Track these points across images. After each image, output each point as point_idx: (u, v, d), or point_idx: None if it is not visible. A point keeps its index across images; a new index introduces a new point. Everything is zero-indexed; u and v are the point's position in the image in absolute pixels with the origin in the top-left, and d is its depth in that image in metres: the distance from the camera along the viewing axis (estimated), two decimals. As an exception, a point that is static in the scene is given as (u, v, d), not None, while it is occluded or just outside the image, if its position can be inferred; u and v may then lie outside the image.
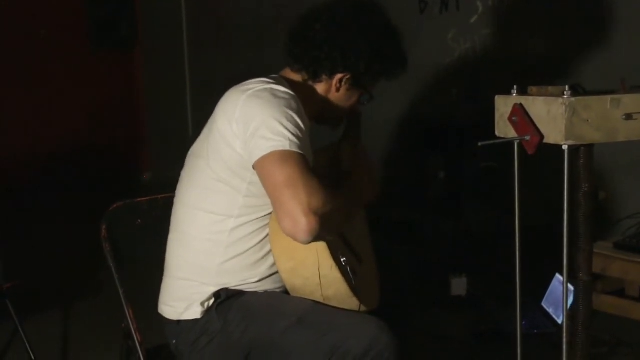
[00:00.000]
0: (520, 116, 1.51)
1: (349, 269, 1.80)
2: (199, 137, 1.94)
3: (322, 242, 1.75)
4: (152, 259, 2.06)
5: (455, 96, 4.62)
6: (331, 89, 1.96)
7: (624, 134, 1.46)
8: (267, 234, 1.85)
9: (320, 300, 1.81)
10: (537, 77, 3.77)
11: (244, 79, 1.89)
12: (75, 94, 6.89)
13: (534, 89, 1.55)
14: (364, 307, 1.82)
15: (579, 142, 1.45)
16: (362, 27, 1.90)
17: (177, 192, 1.99)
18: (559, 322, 3.04)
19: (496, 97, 1.61)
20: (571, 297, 1.57)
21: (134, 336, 2.02)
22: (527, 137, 1.49)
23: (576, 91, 1.43)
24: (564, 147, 1.44)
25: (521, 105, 1.51)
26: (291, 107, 1.76)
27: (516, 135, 1.53)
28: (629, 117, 1.44)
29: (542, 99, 1.47)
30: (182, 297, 1.91)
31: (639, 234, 3.52)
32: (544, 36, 4.10)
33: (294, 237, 1.64)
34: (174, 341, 1.94)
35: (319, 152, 1.98)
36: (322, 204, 1.65)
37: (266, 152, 1.68)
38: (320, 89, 1.96)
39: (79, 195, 6.31)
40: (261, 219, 1.85)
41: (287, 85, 1.86)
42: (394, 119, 4.74)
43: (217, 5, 6.45)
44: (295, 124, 1.73)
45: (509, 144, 1.57)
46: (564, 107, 1.40)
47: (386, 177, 4.78)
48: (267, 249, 1.87)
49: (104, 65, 7.10)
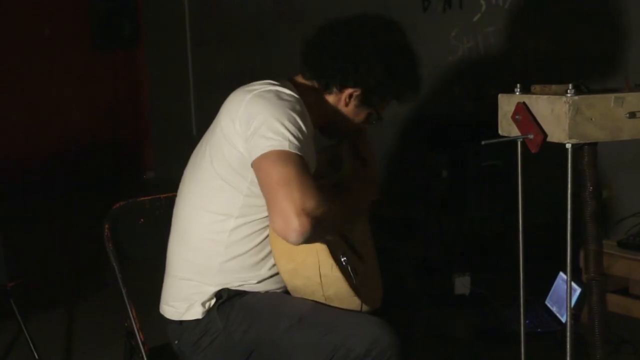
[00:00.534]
0: (523, 115, 1.50)
1: (350, 268, 1.80)
2: (203, 137, 1.95)
3: (323, 242, 1.74)
4: (154, 258, 2.06)
5: (458, 95, 4.62)
6: (340, 102, 1.95)
7: (627, 132, 1.46)
8: (267, 235, 1.84)
9: (321, 300, 1.81)
10: (540, 75, 3.77)
11: (247, 78, 1.89)
12: (78, 93, 6.89)
13: (537, 87, 1.55)
14: (365, 307, 1.81)
15: (582, 141, 1.44)
16: (378, 45, 1.90)
17: (179, 191, 1.99)
18: (563, 320, 3.04)
19: (499, 96, 1.61)
20: (575, 296, 1.57)
21: (137, 335, 2.02)
22: (531, 136, 1.49)
23: (580, 90, 1.43)
24: (568, 146, 1.44)
25: (524, 103, 1.51)
26: (294, 109, 1.76)
27: (519, 133, 1.53)
28: (632, 115, 1.44)
29: (545, 97, 1.47)
30: (183, 297, 1.91)
31: (642, 232, 3.51)
32: (547, 34, 4.10)
33: (285, 237, 1.63)
34: (176, 341, 1.94)
35: (319, 152, 1.98)
36: (316, 205, 1.63)
37: (265, 151, 1.68)
38: (329, 100, 1.96)
39: (82, 194, 6.32)
40: (262, 219, 1.84)
41: (294, 89, 1.86)
42: (396, 117, 4.72)
43: (220, 3, 6.44)
44: (297, 125, 1.72)
45: (512, 143, 1.57)
46: (567, 105, 1.40)
47: (389, 175, 4.78)
48: (268, 249, 1.86)
49: (107, 64, 7.10)
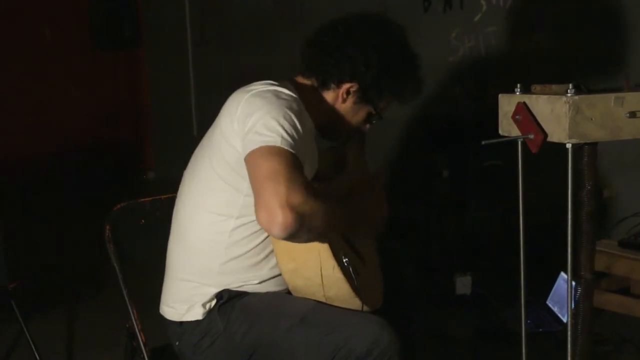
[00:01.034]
0: (523, 114, 1.50)
1: (351, 269, 1.80)
2: (203, 137, 1.95)
3: (324, 242, 1.74)
4: (155, 258, 2.06)
5: (458, 95, 4.61)
6: (338, 99, 1.95)
7: (627, 132, 1.45)
8: (268, 236, 1.84)
9: (322, 300, 1.81)
10: (540, 75, 3.76)
11: (247, 78, 1.89)
12: (79, 93, 6.90)
13: (537, 87, 1.55)
14: (366, 307, 1.81)
15: (582, 141, 1.44)
16: (376, 41, 1.91)
17: (179, 192, 1.99)
18: (564, 320, 3.04)
19: (500, 96, 1.61)
20: (576, 296, 1.57)
21: (138, 336, 2.02)
22: (531, 136, 1.49)
23: (580, 89, 1.43)
24: (568, 146, 1.44)
25: (525, 103, 1.51)
26: (291, 108, 1.76)
27: (520, 133, 1.53)
28: (632, 115, 1.44)
29: (545, 97, 1.47)
30: (184, 298, 1.91)
31: (643, 232, 3.51)
32: (548, 34, 4.09)
33: (269, 231, 1.62)
34: (177, 343, 1.94)
35: (323, 153, 1.98)
36: (302, 201, 1.61)
37: (256, 147, 1.68)
38: (328, 98, 1.96)
39: (83, 195, 6.32)
40: (261, 220, 1.84)
41: (293, 89, 1.86)
42: (397, 118, 4.72)
43: (221, 3, 6.45)
44: (292, 124, 1.72)
45: (512, 143, 1.56)
46: (567, 105, 1.40)
47: (389, 175, 4.78)
48: (268, 250, 1.86)
49: (108, 64, 7.11)
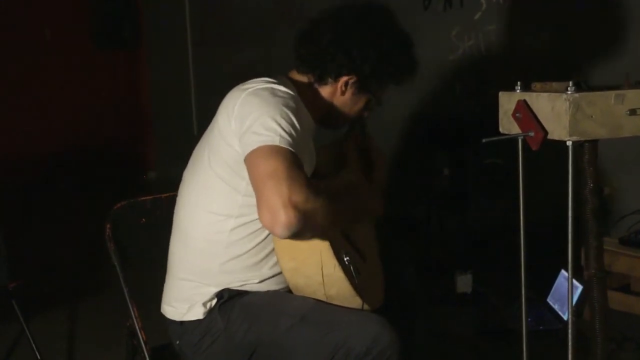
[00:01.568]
0: (524, 112, 1.50)
1: (352, 267, 1.79)
2: (202, 137, 1.95)
3: (325, 241, 1.74)
4: (156, 257, 2.06)
5: (459, 93, 4.61)
6: (337, 92, 1.95)
7: (628, 129, 1.45)
8: (268, 235, 1.85)
9: (323, 299, 1.81)
10: (541, 73, 3.76)
11: (248, 78, 1.89)
12: (79, 94, 6.90)
13: (537, 85, 1.55)
14: (367, 306, 1.81)
15: (583, 138, 1.44)
16: (369, 31, 1.90)
17: (179, 192, 1.99)
18: (565, 318, 3.04)
19: (500, 94, 1.61)
20: (577, 293, 1.57)
21: (139, 335, 2.02)
22: (531, 134, 1.49)
23: (580, 87, 1.42)
24: (568, 143, 1.44)
25: (525, 101, 1.51)
26: (288, 106, 1.76)
27: (520, 131, 1.53)
28: (633, 112, 1.44)
29: (546, 95, 1.47)
30: (184, 297, 1.91)
31: (644, 229, 3.51)
32: (548, 32, 4.09)
33: (272, 231, 1.62)
34: (178, 342, 1.94)
35: (322, 149, 1.98)
36: (304, 199, 1.61)
37: (255, 147, 1.67)
38: (325, 92, 1.95)
39: (83, 194, 6.32)
40: (261, 219, 1.84)
41: (291, 85, 1.86)
42: (397, 116, 4.73)
43: (221, 3, 6.44)
44: (289, 122, 1.72)
45: (513, 141, 1.56)
46: (567, 103, 1.40)
47: (390, 174, 4.78)
48: (268, 249, 1.86)
49: (108, 65, 7.11)
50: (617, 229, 3.67)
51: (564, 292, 3.12)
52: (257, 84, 1.82)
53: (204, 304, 1.88)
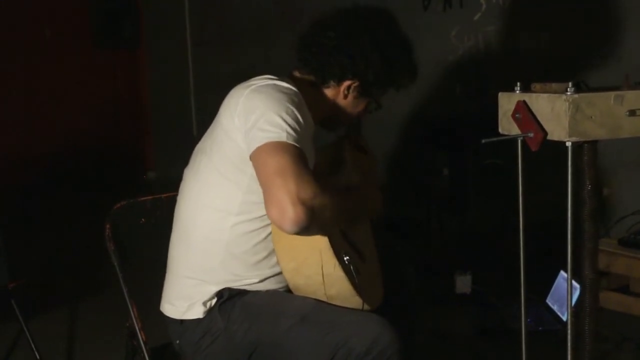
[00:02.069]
0: (523, 113, 1.51)
1: (352, 267, 1.80)
2: (204, 135, 1.95)
3: (325, 241, 1.74)
4: (156, 257, 2.06)
5: (458, 93, 4.62)
6: (339, 95, 1.96)
7: (627, 130, 1.46)
8: (269, 234, 1.85)
9: (323, 299, 1.81)
10: (540, 74, 3.77)
11: (247, 78, 1.89)
12: (79, 94, 6.89)
13: (537, 85, 1.55)
14: (367, 306, 1.81)
15: (582, 139, 1.44)
16: (374, 36, 1.90)
17: (180, 190, 1.99)
18: (564, 319, 3.04)
19: (499, 94, 1.61)
20: (576, 294, 1.57)
21: (139, 335, 2.02)
22: (531, 134, 1.49)
23: (580, 88, 1.43)
24: (568, 144, 1.44)
25: (524, 102, 1.51)
26: (292, 102, 1.76)
27: (520, 132, 1.53)
28: (632, 113, 1.44)
29: (545, 95, 1.47)
30: (185, 295, 1.91)
31: (643, 230, 3.52)
32: (548, 33, 4.10)
33: (281, 227, 1.62)
34: (177, 341, 1.94)
35: (319, 151, 1.98)
36: (312, 195, 1.61)
37: (262, 143, 1.67)
38: (327, 94, 1.96)
39: (83, 194, 6.32)
40: (262, 217, 1.83)
41: (293, 83, 1.86)
42: (397, 117, 4.73)
43: (221, 3, 6.44)
44: (294, 117, 1.72)
45: (512, 141, 1.57)
46: (567, 103, 1.40)
47: (390, 174, 4.78)
48: (270, 248, 1.86)
49: (108, 64, 7.10)
50: (616, 230, 3.67)
51: (563, 293, 3.13)
52: (261, 81, 1.82)
53: (204, 303, 1.88)
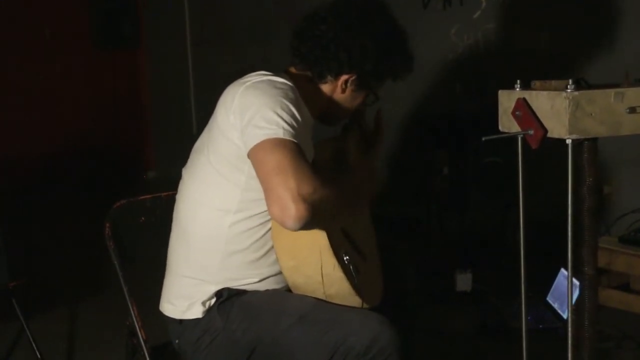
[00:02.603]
0: (523, 110, 1.50)
1: (352, 267, 1.79)
2: (202, 133, 1.95)
3: (325, 240, 1.74)
4: (155, 256, 2.06)
5: (458, 91, 4.62)
6: (336, 89, 1.95)
7: (628, 127, 1.45)
8: (267, 230, 1.85)
9: (322, 298, 1.80)
10: (540, 71, 3.77)
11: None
12: (78, 93, 6.90)
13: (537, 83, 1.55)
14: (366, 305, 1.81)
15: (582, 136, 1.44)
16: (369, 28, 1.89)
17: (179, 189, 1.99)
18: (564, 317, 3.04)
19: (499, 92, 1.61)
20: (576, 292, 1.57)
21: (139, 334, 2.02)
22: (531, 132, 1.49)
23: (580, 85, 1.42)
24: (568, 142, 1.44)
25: (524, 99, 1.51)
26: (288, 97, 1.75)
27: (520, 129, 1.53)
28: (632, 110, 1.44)
29: (545, 93, 1.46)
30: (184, 295, 1.91)
31: (644, 228, 3.51)
32: (548, 30, 4.09)
33: (283, 224, 1.62)
34: (177, 341, 1.94)
35: (322, 144, 1.97)
36: (312, 190, 1.61)
37: (259, 140, 1.67)
38: (325, 89, 1.95)
39: (83, 193, 6.32)
40: (261, 215, 1.83)
41: (289, 79, 1.86)
42: (397, 115, 4.73)
43: (221, 3, 6.44)
44: (290, 113, 1.71)
45: (512, 139, 1.56)
46: (567, 101, 1.40)
47: (390, 173, 4.78)
48: (268, 246, 1.86)
49: (108, 64, 7.10)
50: (616, 228, 3.67)
51: (564, 291, 3.12)
52: (256, 77, 1.81)
53: (203, 303, 1.87)
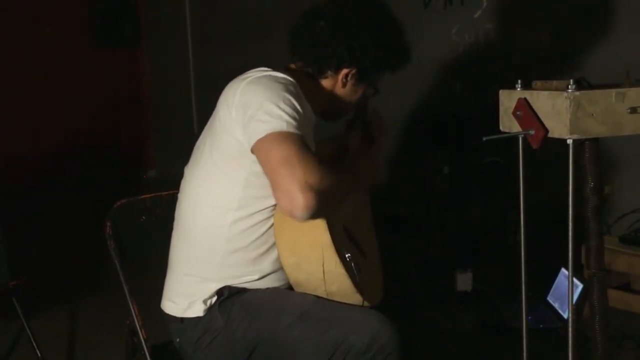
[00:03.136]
0: (524, 110, 1.50)
1: (353, 265, 1.80)
2: (203, 131, 1.95)
3: (327, 237, 1.74)
4: (156, 255, 2.06)
5: (459, 91, 4.62)
6: (337, 84, 1.95)
7: (629, 127, 1.45)
8: (269, 227, 1.85)
9: (323, 295, 1.81)
10: (541, 71, 3.77)
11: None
12: (79, 92, 6.89)
13: (538, 83, 1.55)
14: (367, 303, 1.81)
15: (583, 136, 1.44)
16: (366, 21, 1.90)
17: (181, 187, 1.99)
18: (565, 316, 3.04)
19: (500, 92, 1.61)
20: (577, 292, 1.57)
21: (139, 333, 2.02)
22: (532, 132, 1.49)
23: (581, 85, 1.42)
24: (569, 142, 1.44)
25: (525, 99, 1.51)
26: (289, 91, 1.76)
27: (521, 129, 1.52)
28: (633, 110, 1.44)
29: (546, 93, 1.46)
30: (185, 293, 1.91)
31: (644, 228, 3.52)
32: (548, 30, 4.09)
33: (291, 215, 1.63)
34: (178, 339, 1.94)
35: (324, 143, 1.98)
36: (319, 180, 1.62)
37: (263, 134, 1.67)
38: (325, 84, 1.96)
39: (84, 192, 6.32)
40: (261, 212, 1.84)
41: (290, 74, 1.86)
42: (398, 114, 4.73)
43: (221, 2, 6.44)
44: (292, 106, 1.72)
45: (513, 139, 1.56)
46: (568, 101, 1.40)
47: (391, 172, 4.78)
48: (270, 243, 1.86)
49: (108, 62, 7.10)
50: (617, 228, 3.67)
51: (564, 291, 3.12)
52: (256, 73, 1.82)
53: (204, 301, 1.88)
